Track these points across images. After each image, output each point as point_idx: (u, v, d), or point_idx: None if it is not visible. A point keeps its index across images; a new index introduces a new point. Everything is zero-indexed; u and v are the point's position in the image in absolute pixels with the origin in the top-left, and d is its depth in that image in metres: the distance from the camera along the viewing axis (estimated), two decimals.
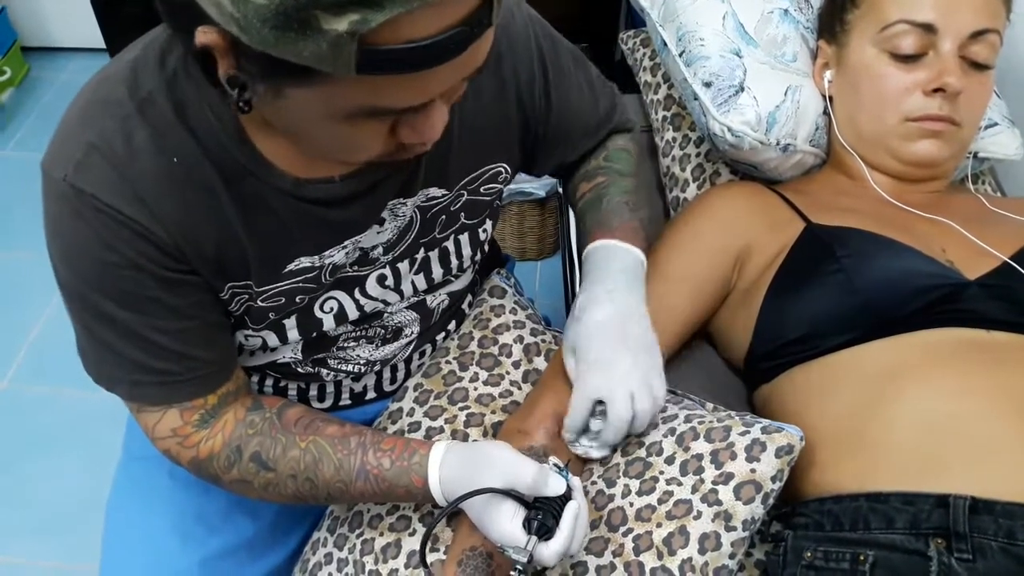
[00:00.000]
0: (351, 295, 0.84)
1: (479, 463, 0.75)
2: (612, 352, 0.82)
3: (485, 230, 0.91)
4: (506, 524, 0.73)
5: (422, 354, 0.98)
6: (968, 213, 0.99)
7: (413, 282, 0.87)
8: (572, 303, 0.92)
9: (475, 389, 0.96)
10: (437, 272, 0.89)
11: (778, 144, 1.07)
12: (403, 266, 0.85)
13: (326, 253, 0.78)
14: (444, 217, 0.85)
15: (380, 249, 0.82)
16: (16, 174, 2.21)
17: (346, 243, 0.78)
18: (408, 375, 1.00)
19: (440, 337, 0.99)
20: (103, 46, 2.36)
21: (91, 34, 2.40)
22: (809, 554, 0.76)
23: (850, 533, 0.76)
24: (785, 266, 0.93)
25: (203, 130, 0.68)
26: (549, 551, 0.72)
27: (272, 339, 0.83)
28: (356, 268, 0.82)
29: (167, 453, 0.79)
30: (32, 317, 1.88)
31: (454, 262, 0.89)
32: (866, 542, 0.74)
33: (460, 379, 0.96)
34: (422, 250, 0.86)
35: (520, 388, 0.97)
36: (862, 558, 0.72)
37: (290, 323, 0.82)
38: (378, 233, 0.81)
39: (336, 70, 0.52)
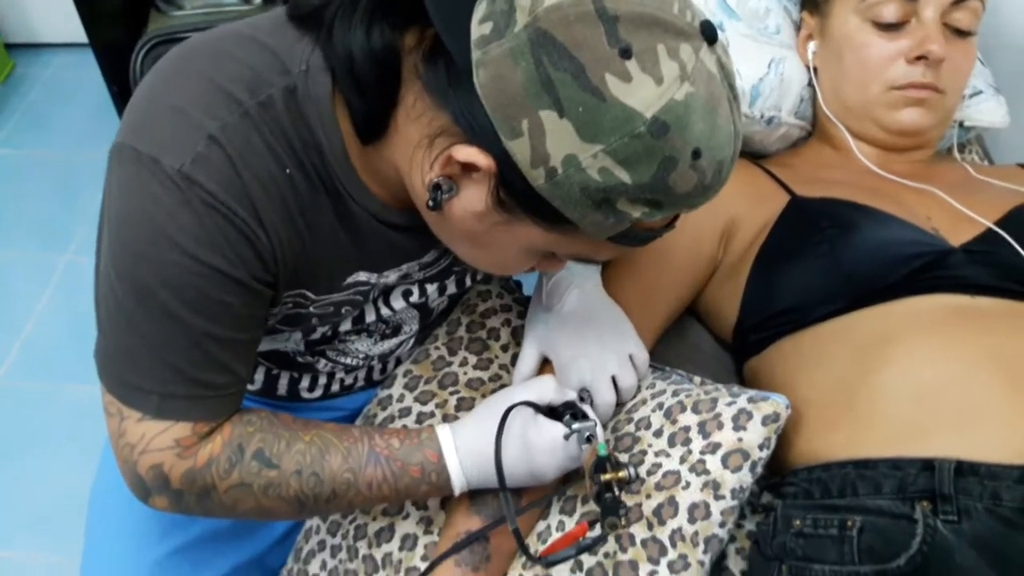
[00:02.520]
0: (375, 305, 0.85)
1: (492, 410, 0.77)
2: (585, 342, 0.85)
3: None
4: (555, 426, 0.77)
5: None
6: (953, 181, 0.99)
7: (429, 296, 0.88)
8: (535, 290, 0.93)
9: (465, 374, 0.96)
10: (451, 289, 0.91)
11: (762, 117, 1.07)
12: (432, 287, 0.87)
13: (385, 272, 0.79)
14: None
15: (417, 267, 0.83)
16: (4, 172, 2.20)
17: (404, 266, 0.80)
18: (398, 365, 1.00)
19: None
20: (87, 41, 2.35)
21: (75, 30, 2.39)
22: (799, 522, 0.76)
23: (838, 500, 0.76)
24: (771, 239, 0.93)
25: (314, 144, 0.68)
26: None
27: (296, 335, 0.83)
28: (393, 284, 0.84)
29: (154, 469, 0.71)
30: (24, 314, 1.88)
31: (468, 283, 0.92)
32: (854, 508, 0.74)
33: (449, 364, 0.97)
34: (453, 276, 0.88)
35: (509, 372, 0.97)
36: (850, 524, 0.73)
37: (322, 327, 0.82)
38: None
39: (595, 235, 0.63)
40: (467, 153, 0.61)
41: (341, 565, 0.90)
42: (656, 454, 0.82)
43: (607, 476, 0.71)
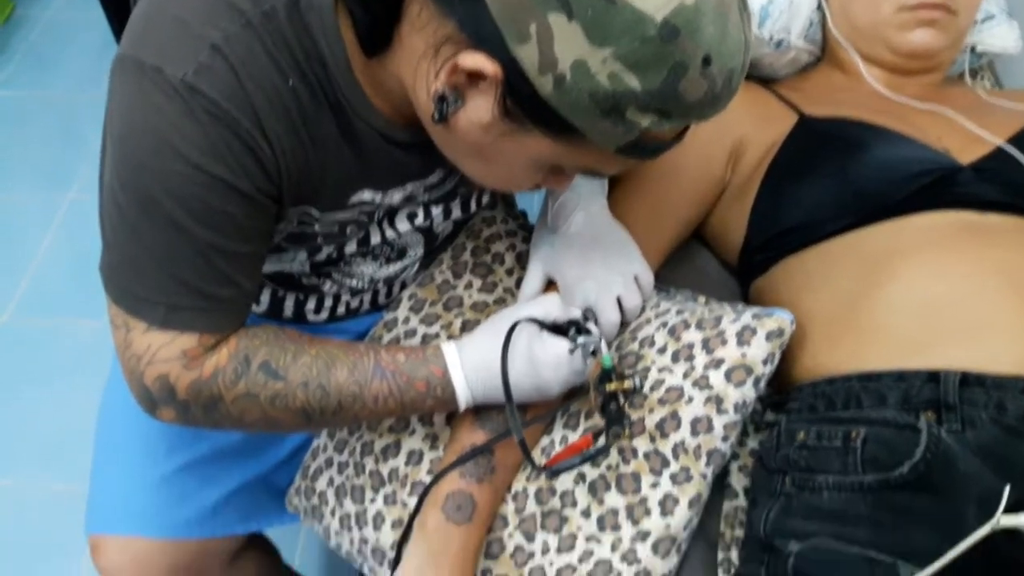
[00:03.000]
0: (380, 226, 0.84)
1: (498, 327, 0.77)
2: (590, 264, 0.84)
3: None
4: (560, 341, 0.77)
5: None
6: (964, 104, 0.97)
7: (434, 218, 0.88)
8: (541, 212, 0.93)
9: (469, 297, 0.96)
10: (457, 214, 0.90)
11: (772, 39, 1.05)
12: (436, 210, 0.86)
13: (389, 192, 0.78)
14: None
15: (422, 189, 0.82)
16: (6, 113, 2.19)
17: (408, 185, 0.79)
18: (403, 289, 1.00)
19: None
20: None
21: None
22: (802, 435, 0.77)
23: (842, 412, 0.76)
24: (779, 158, 0.92)
25: (317, 56, 0.67)
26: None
27: (301, 255, 0.82)
28: (398, 205, 0.83)
29: (160, 379, 0.72)
30: (29, 254, 1.88)
31: (474, 207, 0.91)
32: (858, 420, 0.74)
33: (454, 287, 0.97)
34: (458, 199, 0.87)
35: (514, 296, 0.97)
36: (854, 435, 0.73)
37: (327, 248, 0.82)
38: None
39: (604, 145, 0.62)
40: (473, 60, 0.60)
41: (348, 481, 0.91)
42: (659, 370, 0.82)
43: (612, 386, 0.72)
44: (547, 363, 0.77)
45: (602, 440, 0.74)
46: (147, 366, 0.72)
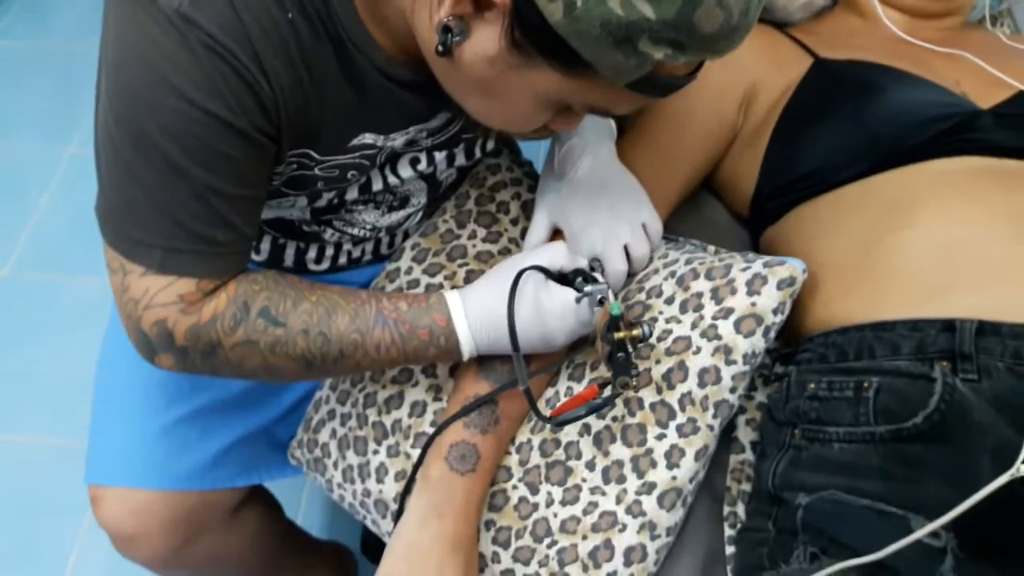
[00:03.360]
0: (381, 172, 0.82)
1: (503, 275, 0.75)
2: (597, 211, 0.82)
3: None
4: (566, 290, 0.75)
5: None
6: (984, 48, 0.94)
7: (437, 165, 0.85)
8: (547, 158, 0.90)
9: (474, 247, 0.94)
10: (460, 160, 0.87)
11: None
12: (440, 155, 0.84)
13: (392, 135, 0.76)
14: None
15: (425, 133, 0.80)
16: (5, 64, 2.15)
17: (411, 128, 0.77)
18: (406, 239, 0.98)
19: None
20: None
21: None
22: (813, 386, 0.75)
23: (854, 363, 0.75)
24: (793, 102, 0.89)
25: None
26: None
27: (301, 201, 0.80)
28: (400, 150, 0.81)
29: (158, 324, 0.70)
30: (31, 205, 1.86)
31: (478, 154, 0.88)
32: (870, 370, 0.73)
33: (458, 237, 0.95)
34: (462, 144, 0.84)
35: (519, 246, 0.95)
36: (866, 385, 0.71)
37: (328, 193, 0.80)
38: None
39: (615, 80, 0.60)
40: None
41: (351, 432, 0.90)
42: (667, 321, 0.80)
43: (620, 334, 0.70)
44: (553, 312, 0.75)
45: (608, 391, 0.73)
46: (144, 311, 0.70)
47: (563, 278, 0.78)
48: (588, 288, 0.74)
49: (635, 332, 0.70)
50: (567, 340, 0.78)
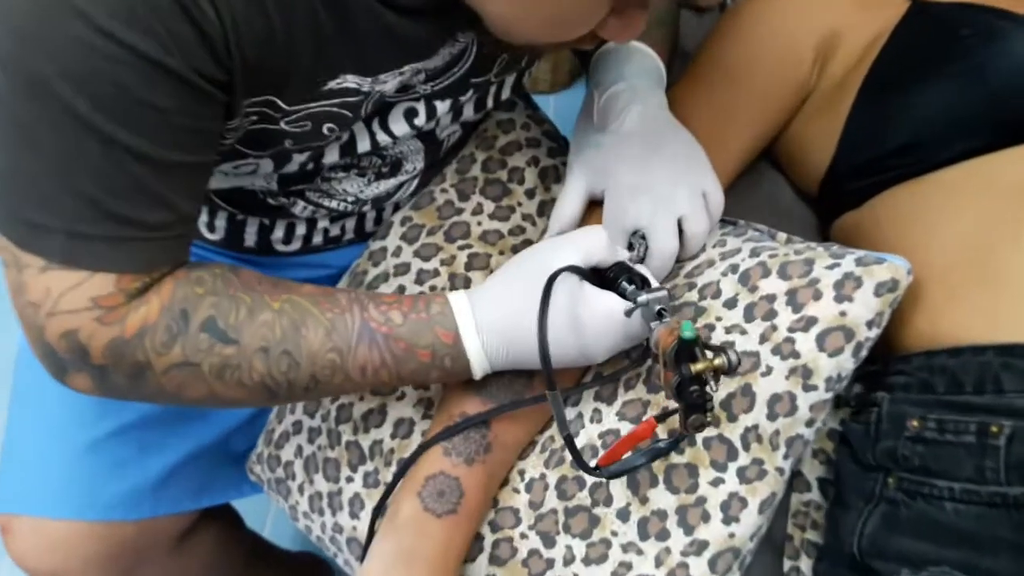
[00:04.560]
0: (368, 127, 0.65)
1: (524, 272, 0.59)
2: (649, 171, 0.65)
3: (531, 72, 0.73)
4: (610, 298, 0.59)
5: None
6: None
7: (439, 118, 0.68)
8: (582, 109, 0.72)
9: (479, 224, 0.76)
10: (468, 114, 0.71)
11: None
12: (442, 106, 0.67)
13: (381, 77, 0.59)
14: (506, 56, 0.66)
15: (423, 76, 0.62)
16: None
17: (405, 68, 0.60)
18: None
19: None
20: None
21: None
22: (916, 423, 0.58)
23: (974, 397, 0.57)
24: (885, 55, 0.71)
25: None
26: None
27: (265, 166, 0.63)
28: (391, 97, 0.63)
29: (67, 337, 0.54)
30: None
31: (490, 104, 0.71)
32: (997, 409, 0.56)
33: (459, 211, 0.77)
34: (471, 91, 0.67)
35: (535, 224, 0.78)
36: (994, 429, 0.54)
37: (299, 155, 0.63)
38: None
39: None
40: None
41: (320, 452, 0.73)
42: (727, 330, 0.63)
43: (699, 366, 0.52)
44: (594, 328, 0.58)
45: (662, 431, 0.55)
46: (48, 318, 0.54)
47: (601, 275, 0.60)
48: (643, 297, 0.57)
49: (717, 362, 0.52)
50: (605, 358, 0.61)
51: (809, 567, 0.66)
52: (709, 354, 0.51)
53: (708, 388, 0.52)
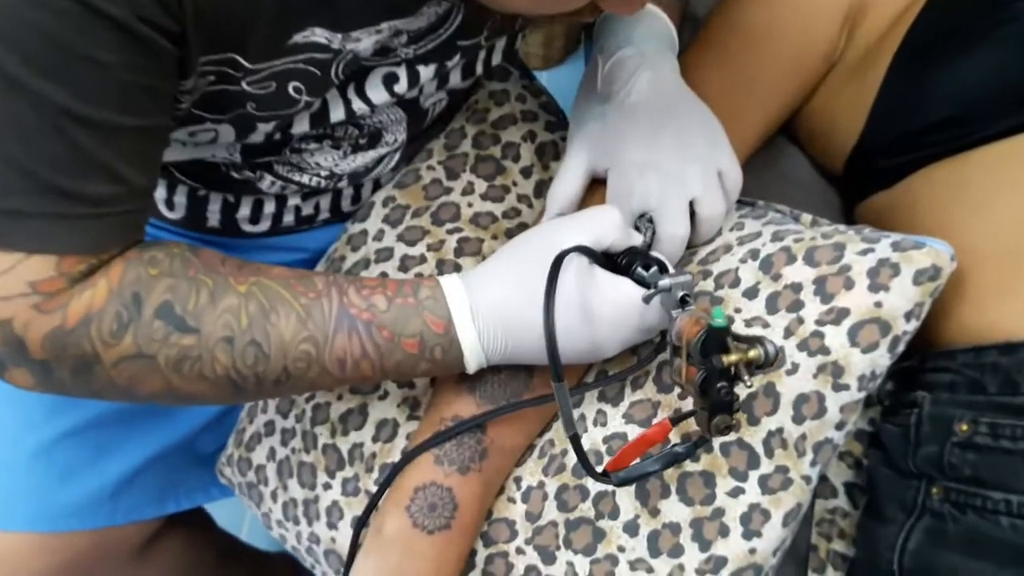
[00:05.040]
0: (343, 93, 0.58)
1: (524, 254, 0.53)
2: (659, 145, 0.59)
3: (523, 36, 0.67)
4: (626, 283, 0.53)
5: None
6: None
7: (422, 85, 0.61)
8: (585, 77, 0.66)
9: (469, 205, 0.70)
10: (455, 81, 0.64)
11: None
12: (425, 71, 0.60)
13: (353, 34, 0.52)
14: (498, 17, 0.60)
15: (404, 37, 0.56)
16: None
17: (382, 25, 0.54)
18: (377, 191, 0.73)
19: None
20: None
21: None
22: (965, 427, 0.52)
23: None
24: (922, 19, 0.64)
25: None
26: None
27: (227, 134, 0.56)
28: (367, 59, 0.57)
29: (1, 327, 0.48)
30: None
31: (479, 70, 0.65)
32: None
33: (448, 191, 0.70)
34: (457, 55, 0.61)
35: (532, 206, 0.71)
36: None
37: (265, 124, 0.56)
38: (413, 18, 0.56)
39: None
40: None
41: (295, 456, 0.66)
42: (748, 323, 0.56)
43: (733, 357, 0.45)
44: (607, 316, 0.52)
45: (674, 435, 0.49)
46: None
47: (611, 261, 0.54)
48: (665, 281, 0.50)
49: (752, 354, 0.46)
50: (616, 351, 0.55)
51: None
52: (742, 345, 0.45)
53: (743, 382, 0.46)
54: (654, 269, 0.53)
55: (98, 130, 0.45)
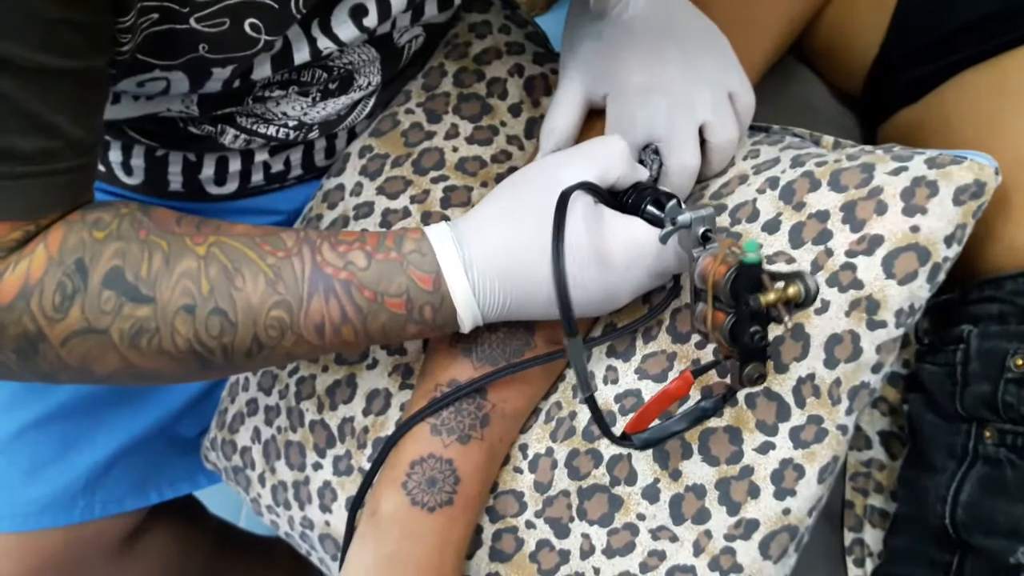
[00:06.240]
0: (306, 30, 0.52)
1: (521, 194, 0.48)
2: (663, 64, 0.53)
3: None
4: (637, 222, 0.48)
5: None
6: None
7: (395, 19, 0.56)
8: None
9: (454, 150, 0.64)
10: (431, 11, 0.59)
11: None
12: (397, 1, 0.54)
13: None
14: None
15: None
16: None
17: None
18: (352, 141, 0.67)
19: None
20: None
21: None
22: (1021, 360, 0.46)
23: None
24: None
25: None
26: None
27: (179, 82, 0.50)
28: None
29: None
30: None
31: (457, 1, 0.59)
32: None
33: (430, 136, 0.65)
34: None
35: (523, 147, 0.66)
36: None
37: (221, 69, 0.50)
38: None
39: None
40: None
41: (281, 435, 0.61)
42: (770, 259, 0.51)
43: (771, 296, 0.39)
44: (619, 260, 0.46)
45: (695, 390, 0.44)
46: None
47: (614, 197, 0.48)
48: (685, 216, 0.44)
49: (791, 291, 0.40)
50: (630, 299, 0.49)
51: (876, 539, 0.55)
52: (777, 283, 0.39)
53: (783, 324, 0.40)
54: (672, 203, 0.47)
55: (21, 74, 0.39)
